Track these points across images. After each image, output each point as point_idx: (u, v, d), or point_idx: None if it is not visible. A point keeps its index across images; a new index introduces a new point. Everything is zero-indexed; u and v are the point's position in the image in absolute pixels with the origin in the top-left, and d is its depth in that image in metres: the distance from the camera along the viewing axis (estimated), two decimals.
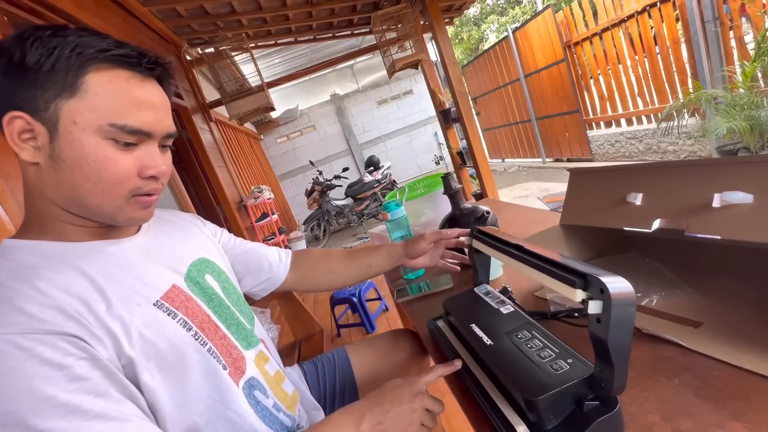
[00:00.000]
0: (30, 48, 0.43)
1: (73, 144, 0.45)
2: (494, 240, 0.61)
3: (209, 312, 0.57)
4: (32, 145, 0.45)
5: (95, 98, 0.45)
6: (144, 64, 0.48)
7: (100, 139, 0.45)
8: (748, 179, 0.48)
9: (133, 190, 0.49)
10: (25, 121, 0.44)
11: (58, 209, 0.49)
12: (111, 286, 0.48)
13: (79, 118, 0.44)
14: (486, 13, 13.85)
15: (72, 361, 0.40)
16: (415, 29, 3.24)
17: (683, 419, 0.41)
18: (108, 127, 0.45)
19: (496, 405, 0.48)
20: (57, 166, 0.46)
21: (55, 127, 0.44)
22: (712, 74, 3.33)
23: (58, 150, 0.45)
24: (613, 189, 0.67)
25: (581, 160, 5.19)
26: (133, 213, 0.51)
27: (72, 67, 0.44)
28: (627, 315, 0.37)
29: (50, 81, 0.43)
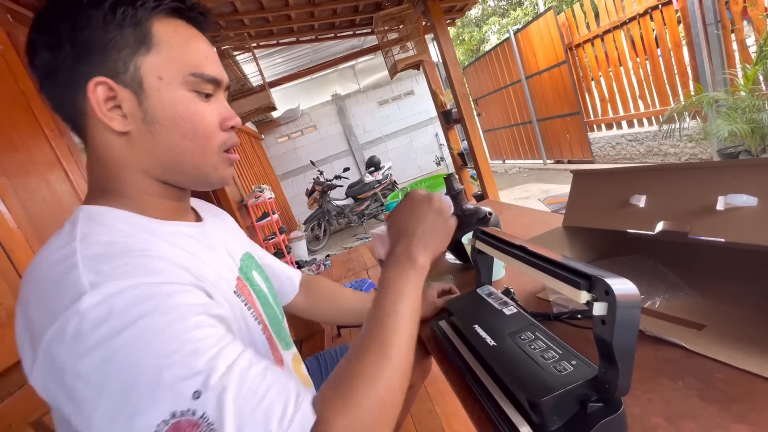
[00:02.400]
0: (92, 6, 0.40)
1: (164, 101, 0.43)
2: (497, 241, 0.61)
3: (260, 308, 0.57)
4: (119, 114, 0.42)
5: (170, 50, 0.43)
6: (196, 14, 0.46)
7: (186, 92, 0.44)
8: (752, 182, 0.48)
9: (221, 145, 0.47)
10: (107, 87, 0.41)
11: (149, 181, 0.46)
12: (201, 267, 0.45)
13: (163, 73, 0.42)
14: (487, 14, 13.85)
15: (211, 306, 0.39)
16: (417, 30, 3.24)
17: (687, 421, 0.41)
18: (191, 77, 0.44)
19: (500, 406, 0.48)
20: (152, 129, 0.43)
21: (140, 87, 0.42)
22: (714, 77, 3.33)
23: (151, 111, 0.43)
24: (616, 191, 0.67)
25: (582, 161, 5.19)
26: (224, 171, 0.49)
27: (140, 20, 0.41)
28: (632, 317, 0.37)
29: (123, 38, 0.41)
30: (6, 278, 0.95)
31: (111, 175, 0.45)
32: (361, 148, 8.31)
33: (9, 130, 1.14)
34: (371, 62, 7.75)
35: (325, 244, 5.76)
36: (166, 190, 0.48)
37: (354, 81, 8.39)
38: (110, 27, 0.40)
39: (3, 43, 1.21)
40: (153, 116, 0.43)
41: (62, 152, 1.31)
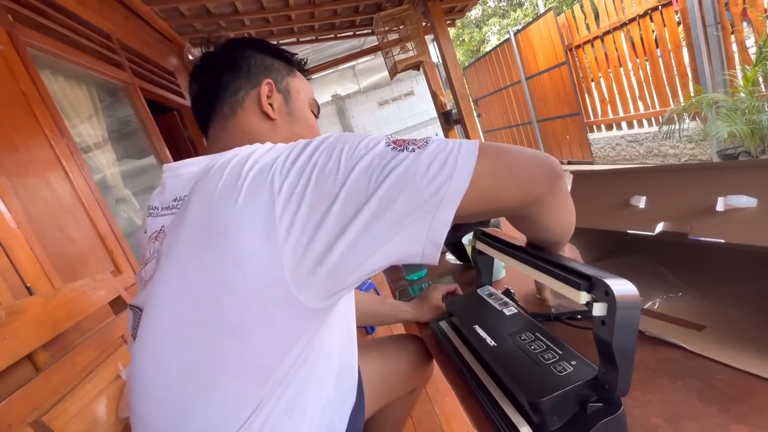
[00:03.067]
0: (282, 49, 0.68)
1: (301, 105, 0.65)
2: (498, 242, 0.62)
3: None
4: (271, 107, 0.62)
5: (302, 82, 0.68)
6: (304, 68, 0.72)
7: (307, 106, 0.67)
8: (752, 183, 0.48)
9: None
10: (271, 88, 0.62)
11: None
12: None
13: (300, 90, 0.66)
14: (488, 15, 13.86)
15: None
16: (417, 31, 3.25)
17: (687, 422, 0.41)
18: (311, 100, 0.69)
19: (499, 406, 0.48)
20: (291, 120, 0.64)
21: (289, 94, 0.64)
22: (714, 78, 3.34)
23: (293, 108, 0.64)
24: (616, 192, 0.67)
25: (582, 162, 5.19)
26: None
27: (293, 63, 0.68)
28: (632, 317, 0.37)
29: (281, 65, 0.66)
30: (6, 278, 0.95)
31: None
32: None
33: (9, 129, 1.14)
34: (371, 63, 7.75)
35: None
36: None
37: (354, 81, 8.39)
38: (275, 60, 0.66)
39: (3, 43, 1.21)
40: (293, 111, 0.64)
41: (62, 152, 1.31)
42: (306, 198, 0.38)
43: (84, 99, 1.70)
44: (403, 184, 0.38)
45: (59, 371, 0.81)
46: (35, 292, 0.99)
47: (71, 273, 1.18)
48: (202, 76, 0.63)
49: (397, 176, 0.38)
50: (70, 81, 1.62)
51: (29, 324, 0.81)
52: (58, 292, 0.93)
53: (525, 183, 0.42)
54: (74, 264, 1.22)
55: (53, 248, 1.14)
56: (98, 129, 1.75)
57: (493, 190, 0.41)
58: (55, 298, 0.91)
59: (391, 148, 0.40)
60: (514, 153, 0.42)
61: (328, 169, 0.39)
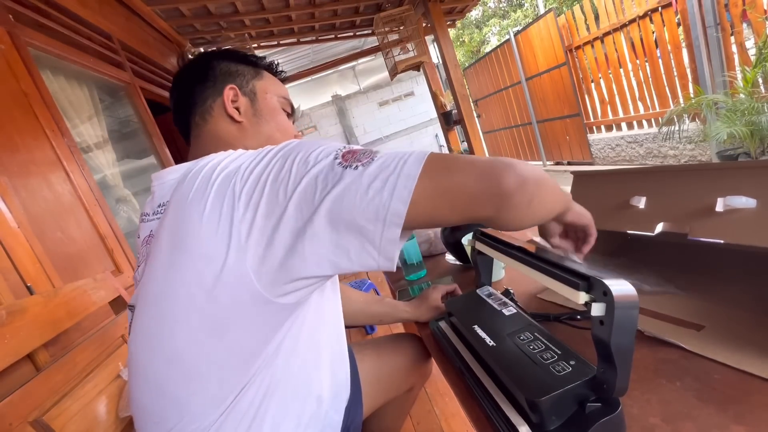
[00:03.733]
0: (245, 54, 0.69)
1: (268, 104, 0.66)
2: (497, 242, 0.62)
3: None
4: (237, 111, 0.63)
5: (270, 82, 0.69)
6: (277, 70, 0.73)
7: (277, 105, 0.68)
8: (751, 184, 0.49)
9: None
10: (236, 93, 0.64)
11: None
12: None
13: (268, 90, 0.67)
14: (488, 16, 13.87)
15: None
16: (418, 31, 3.25)
17: (685, 422, 0.41)
18: (281, 98, 0.69)
19: (498, 406, 0.48)
20: (258, 121, 0.65)
21: (254, 96, 0.66)
22: (713, 79, 3.34)
23: (259, 109, 0.65)
24: (616, 192, 0.67)
25: (582, 163, 5.19)
26: None
27: (259, 65, 0.70)
28: (630, 317, 0.37)
29: (245, 70, 0.67)
30: (6, 278, 0.95)
31: (227, 148, 0.60)
32: None
33: (10, 129, 1.14)
34: (371, 63, 7.75)
35: None
36: None
37: (354, 82, 8.39)
38: (244, 66, 0.67)
39: (5, 43, 1.21)
40: (260, 112, 0.66)
41: (63, 152, 1.32)
42: (261, 204, 0.41)
43: (84, 99, 1.70)
44: (345, 202, 0.39)
45: (60, 370, 0.81)
46: (36, 292, 0.99)
47: (71, 273, 1.18)
48: (176, 91, 0.67)
49: (338, 194, 0.39)
50: (70, 81, 1.62)
51: (30, 323, 0.81)
52: (59, 292, 0.93)
53: (466, 206, 0.41)
54: (74, 264, 1.22)
55: (54, 248, 1.14)
56: (99, 129, 1.75)
57: (435, 211, 0.41)
58: (56, 297, 0.91)
59: (338, 162, 0.41)
60: (458, 172, 0.41)
61: (280, 178, 0.42)
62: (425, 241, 1.19)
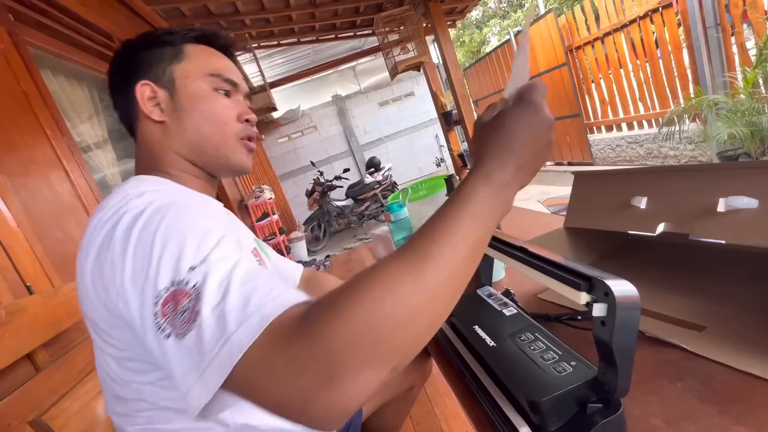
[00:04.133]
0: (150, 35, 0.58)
1: (189, 92, 0.56)
2: (498, 242, 0.61)
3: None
4: (158, 108, 0.56)
5: (196, 59, 0.58)
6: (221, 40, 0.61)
7: (207, 87, 0.57)
8: (753, 184, 0.48)
9: (237, 132, 0.58)
10: (151, 89, 0.56)
11: (181, 160, 0.57)
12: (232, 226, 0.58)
13: (188, 73, 0.57)
14: (488, 16, 13.88)
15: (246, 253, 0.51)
16: (418, 31, 3.25)
17: (686, 423, 0.41)
18: (209, 76, 0.57)
19: (499, 406, 0.48)
20: (180, 116, 0.56)
21: (173, 86, 0.56)
22: (714, 80, 3.34)
23: (179, 101, 0.56)
24: (617, 192, 0.67)
25: (582, 163, 5.19)
26: (243, 156, 0.60)
27: (176, 43, 0.58)
28: (632, 318, 0.37)
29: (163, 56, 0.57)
30: (5, 277, 0.95)
31: (155, 157, 0.58)
32: (362, 149, 8.31)
33: (10, 129, 1.14)
34: (372, 63, 7.75)
35: (324, 245, 5.76)
36: (197, 170, 0.59)
37: (354, 82, 8.39)
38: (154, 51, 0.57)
39: (5, 43, 1.21)
40: (181, 104, 0.56)
41: (63, 152, 1.31)
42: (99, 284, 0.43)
43: (84, 98, 1.70)
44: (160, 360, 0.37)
45: (59, 370, 0.81)
46: (35, 291, 0.99)
47: (71, 272, 1.17)
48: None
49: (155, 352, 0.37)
50: (70, 80, 1.62)
51: (29, 323, 0.81)
52: (58, 291, 0.93)
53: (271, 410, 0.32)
54: (74, 263, 1.22)
55: (53, 247, 1.14)
56: (98, 129, 1.75)
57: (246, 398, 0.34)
58: (55, 297, 0.91)
59: (154, 315, 0.36)
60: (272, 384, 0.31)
61: (106, 276, 0.42)
62: None
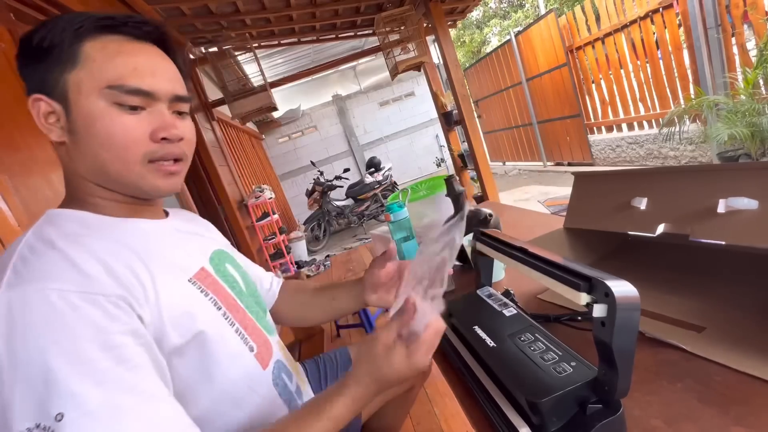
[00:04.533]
0: (35, 34, 0.46)
1: (82, 113, 0.46)
2: (498, 243, 0.62)
3: (234, 296, 0.59)
4: (58, 126, 0.48)
5: (92, 64, 0.46)
6: (130, 26, 0.49)
7: (104, 104, 0.46)
8: (753, 185, 0.48)
9: (147, 154, 0.49)
10: (46, 103, 0.47)
11: (91, 185, 0.51)
12: (151, 258, 0.48)
13: (81, 87, 0.46)
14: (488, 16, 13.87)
15: (117, 327, 0.40)
16: (418, 31, 3.25)
17: (686, 423, 0.41)
18: (107, 90, 0.46)
19: (499, 407, 0.48)
20: (75, 139, 0.47)
21: (66, 101, 0.46)
22: (714, 80, 3.34)
23: (73, 123, 0.47)
24: (617, 193, 0.67)
25: (582, 164, 5.19)
26: (156, 181, 0.51)
27: (66, 39, 0.46)
28: (631, 319, 0.37)
29: (54, 58, 0.46)
30: None
31: (69, 183, 0.52)
32: (362, 149, 8.31)
33: (11, 128, 1.14)
34: (372, 63, 7.75)
35: (324, 245, 5.76)
36: (111, 193, 0.51)
37: (355, 82, 8.39)
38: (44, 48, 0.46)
39: (5, 42, 1.21)
40: (74, 127, 0.47)
41: None
42: None
43: None
44: None
45: None
46: None
47: None
48: None
49: None
50: None
51: None
52: None
53: None
54: None
55: None
56: None
57: None
58: None
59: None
60: None
61: None
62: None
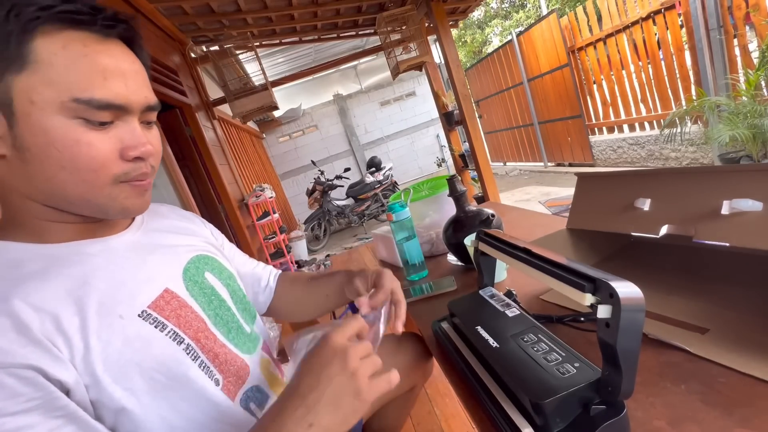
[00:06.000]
0: None
1: (35, 128, 0.38)
2: (500, 243, 0.61)
3: (205, 318, 0.53)
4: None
5: (50, 69, 0.37)
6: (100, 21, 0.39)
7: (66, 119, 0.38)
8: (757, 187, 0.48)
9: (118, 175, 0.42)
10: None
11: (37, 206, 0.43)
12: (90, 296, 0.42)
13: (35, 96, 0.37)
14: (490, 16, 13.87)
15: (18, 405, 0.34)
16: (420, 31, 3.24)
17: (690, 425, 0.41)
18: (72, 103, 0.38)
19: (502, 407, 0.48)
20: (23, 156, 0.39)
21: (9, 109, 0.37)
22: (716, 82, 3.33)
23: (20, 138, 0.38)
24: (620, 194, 0.67)
25: (583, 165, 5.19)
26: (127, 201, 0.44)
27: (13, 33, 0.36)
28: (636, 320, 0.37)
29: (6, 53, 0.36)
30: None
31: (3, 199, 0.43)
32: (362, 149, 8.31)
33: None
34: (373, 63, 7.75)
35: (325, 244, 5.76)
36: (63, 215, 0.44)
37: (356, 81, 8.39)
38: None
39: None
40: (22, 143, 0.38)
41: None
42: None
43: None
44: None
45: None
46: None
47: None
48: None
49: None
50: None
51: None
52: None
53: None
54: None
55: None
56: None
57: None
58: None
59: None
60: None
61: None
62: (427, 241, 1.19)
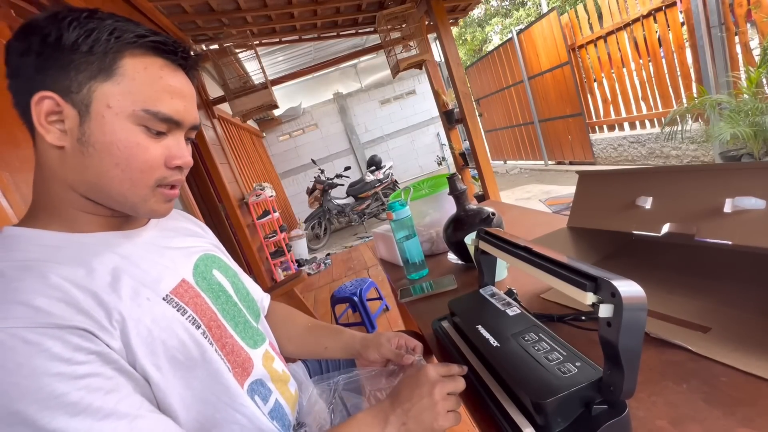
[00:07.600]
0: (67, 28, 0.43)
1: (105, 128, 0.45)
2: (501, 241, 0.61)
3: (216, 310, 0.57)
4: (59, 128, 0.45)
5: (131, 83, 0.45)
6: (179, 54, 0.49)
7: (132, 125, 0.46)
8: (760, 185, 0.48)
9: (159, 179, 0.49)
10: (54, 102, 0.44)
11: (76, 196, 0.48)
12: (120, 280, 0.47)
13: (113, 102, 0.44)
14: (490, 14, 13.84)
15: (82, 356, 0.39)
16: (420, 29, 3.24)
17: (692, 425, 0.40)
18: (142, 113, 0.45)
19: (503, 407, 0.48)
20: (85, 150, 0.45)
21: (87, 109, 0.44)
22: (717, 80, 3.32)
23: (88, 134, 0.45)
24: (622, 192, 0.67)
25: (583, 163, 5.18)
26: (156, 205, 0.50)
27: (110, 50, 0.44)
28: (638, 319, 0.37)
29: (86, 62, 0.43)
30: None
31: (44, 186, 0.48)
32: (363, 147, 8.30)
33: (11, 124, 1.14)
34: (373, 61, 7.73)
35: (325, 243, 5.76)
36: (98, 207, 0.50)
37: (356, 80, 8.37)
38: (80, 48, 0.43)
39: (6, 38, 1.20)
40: (89, 139, 0.45)
41: None
42: None
43: None
44: None
45: None
46: None
47: None
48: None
49: None
50: None
51: None
52: None
53: None
54: None
55: None
56: None
57: None
58: None
59: None
60: None
61: None
62: (427, 240, 1.18)
